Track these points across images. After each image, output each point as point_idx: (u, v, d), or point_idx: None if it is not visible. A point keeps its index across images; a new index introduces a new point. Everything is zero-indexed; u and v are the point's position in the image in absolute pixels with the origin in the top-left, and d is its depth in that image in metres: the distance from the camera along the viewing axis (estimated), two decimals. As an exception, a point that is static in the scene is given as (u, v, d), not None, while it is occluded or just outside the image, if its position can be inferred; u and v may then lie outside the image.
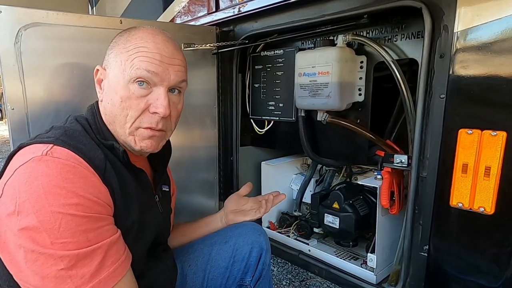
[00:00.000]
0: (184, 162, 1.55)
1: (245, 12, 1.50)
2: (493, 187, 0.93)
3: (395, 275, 1.27)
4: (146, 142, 0.78)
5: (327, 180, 1.72)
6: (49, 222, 0.58)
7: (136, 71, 0.73)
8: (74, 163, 0.63)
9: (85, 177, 0.64)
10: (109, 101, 0.76)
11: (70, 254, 0.59)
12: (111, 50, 0.78)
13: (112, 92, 0.76)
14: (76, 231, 0.59)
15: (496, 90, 0.91)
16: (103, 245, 0.63)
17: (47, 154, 0.62)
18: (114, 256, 0.65)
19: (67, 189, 0.60)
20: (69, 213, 0.59)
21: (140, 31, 0.77)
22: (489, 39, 0.90)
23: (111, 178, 0.70)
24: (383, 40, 1.25)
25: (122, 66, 0.74)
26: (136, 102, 0.74)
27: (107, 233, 0.65)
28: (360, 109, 1.34)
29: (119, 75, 0.74)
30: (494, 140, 0.91)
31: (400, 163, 1.17)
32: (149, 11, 2.32)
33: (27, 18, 1.08)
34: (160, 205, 0.90)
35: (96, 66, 0.80)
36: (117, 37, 0.79)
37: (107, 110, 0.77)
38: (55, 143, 0.65)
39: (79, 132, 0.73)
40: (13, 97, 1.09)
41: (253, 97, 1.72)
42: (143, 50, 0.73)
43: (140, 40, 0.75)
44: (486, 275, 0.99)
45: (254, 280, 1.03)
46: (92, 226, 0.62)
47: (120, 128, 0.77)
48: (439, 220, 1.06)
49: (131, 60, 0.73)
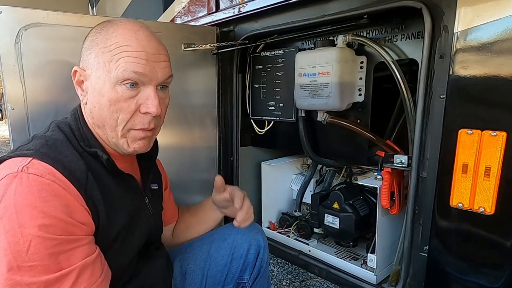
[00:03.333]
0: (184, 162, 1.55)
1: (245, 12, 1.50)
2: (493, 187, 0.93)
3: (395, 275, 1.27)
4: (139, 143, 0.76)
5: (327, 180, 1.72)
6: (17, 244, 0.55)
7: (123, 73, 0.69)
8: (49, 180, 0.61)
9: (59, 195, 0.61)
10: (95, 105, 0.73)
11: (38, 281, 0.56)
12: (89, 50, 0.73)
13: (97, 94, 0.72)
14: (45, 255, 0.57)
15: (496, 91, 0.91)
16: (75, 269, 0.60)
17: (23, 170, 0.60)
18: (87, 280, 0.61)
19: (38, 208, 0.57)
20: (39, 235, 0.56)
21: (119, 26, 0.72)
22: (489, 39, 0.91)
23: (93, 191, 0.68)
24: (383, 41, 1.25)
25: (107, 67, 0.70)
26: (126, 104, 0.71)
27: (80, 255, 0.61)
28: (360, 109, 1.34)
29: (104, 77, 0.71)
30: (494, 140, 0.91)
31: (400, 163, 1.17)
32: (149, 11, 2.32)
33: (27, 18, 1.08)
34: (150, 206, 0.89)
35: (74, 67, 0.75)
36: (93, 34, 0.74)
37: (94, 114, 0.74)
38: (34, 156, 0.63)
39: (60, 142, 0.70)
40: (13, 97, 1.09)
41: (253, 97, 1.72)
42: (127, 50, 0.70)
43: (121, 38, 0.70)
44: (486, 275, 0.99)
45: (252, 277, 1.03)
46: (63, 249, 0.59)
47: (111, 131, 0.74)
48: (439, 221, 1.06)
49: (115, 61, 0.69)
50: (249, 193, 1.83)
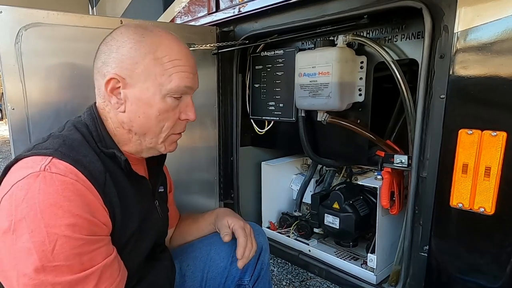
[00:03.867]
0: (185, 162, 1.55)
1: (245, 12, 1.50)
2: (493, 187, 0.93)
3: (395, 275, 1.27)
4: (173, 145, 0.83)
5: (327, 180, 1.72)
6: (43, 244, 0.55)
7: (177, 88, 0.74)
8: (73, 179, 0.61)
9: (82, 195, 0.61)
10: (140, 115, 0.74)
11: (63, 281, 0.56)
12: (133, 60, 0.71)
13: (144, 105, 0.73)
14: (70, 254, 0.57)
15: (496, 91, 0.91)
16: (97, 270, 0.61)
17: (45, 169, 0.60)
18: (108, 280, 0.63)
19: (64, 208, 0.58)
20: (64, 235, 0.57)
21: (163, 38, 0.74)
22: (489, 39, 0.91)
23: (111, 192, 0.68)
24: (383, 41, 1.25)
25: (158, 80, 0.72)
26: (172, 113, 0.77)
27: (102, 255, 0.62)
28: (360, 109, 1.34)
29: (154, 89, 0.72)
30: (494, 140, 0.91)
31: (400, 163, 1.17)
32: (149, 11, 2.32)
33: (27, 18, 1.08)
34: (160, 210, 0.90)
35: (109, 75, 0.72)
36: (135, 42, 0.72)
37: (135, 123, 0.75)
38: (53, 155, 0.63)
39: (78, 142, 0.70)
40: (14, 97, 1.09)
41: (253, 97, 1.72)
42: (179, 65, 0.74)
43: (170, 51, 0.73)
44: (486, 275, 0.99)
45: (252, 279, 1.03)
46: (87, 249, 0.60)
47: (152, 138, 0.78)
48: (439, 221, 1.06)
49: (168, 75, 0.72)
50: (249, 193, 1.85)
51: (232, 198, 1.76)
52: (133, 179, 0.77)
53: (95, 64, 0.77)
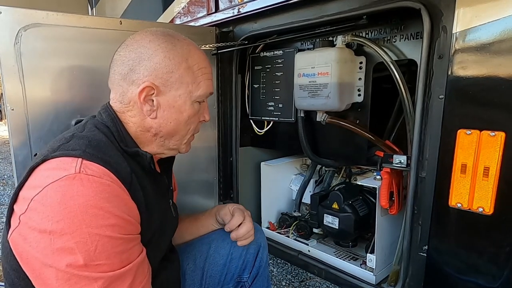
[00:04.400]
0: (184, 162, 1.55)
1: (244, 13, 1.50)
2: (491, 187, 0.93)
3: (395, 275, 1.27)
4: (190, 145, 0.88)
5: (327, 181, 1.72)
6: (85, 244, 0.57)
7: (205, 94, 0.80)
8: (108, 181, 0.63)
9: (119, 196, 0.64)
10: (171, 121, 0.77)
11: (105, 276, 0.59)
12: (168, 69, 0.74)
13: (176, 112, 0.77)
14: (111, 253, 0.60)
15: (494, 91, 0.91)
16: (134, 266, 0.64)
17: (81, 172, 0.61)
18: (141, 275, 0.66)
19: (105, 209, 0.60)
20: (106, 235, 0.59)
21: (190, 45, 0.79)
22: (488, 40, 0.91)
23: (136, 191, 0.69)
24: (382, 41, 1.25)
25: (189, 88, 0.77)
26: (197, 117, 0.82)
27: (136, 253, 0.66)
28: (359, 109, 1.34)
29: (185, 96, 0.77)
30: (492, 140, 0.92)
31: (399, 164, 1.17)
32: (148, 11, 2.32)
33: (27, 19, 1.08)
34: (172, 208, 0.91)
35: (144, 84, 0.73)
36: (168, 51, 0.74)
37: (164, 128, 0.78)
38: (83, 157, 0.63)
39: (104, 143, 0.70)
40: (13, 97, 1.09)
41: (252, 97, 1.73)
42: (205, 72, 0.79)
43: (198, 58, 0.79)
44: (485, 275, 0.99)
45: (251, 277, 1.03)
46: (125, 247, 0.63)
47: (178, 140, 0.81)
48: (438, 221, 1.06)
49: (198, 82, 0.77)
50: (249, 193, 1.85)
51: (231, 198, 1.76)
52: (152, 178, 0.79)
53: (118, 70, 0.75)
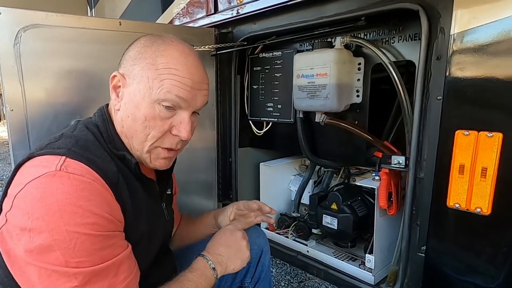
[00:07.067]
0: (183, 163, 1.54)
1: (243, 14, 1.50)
2: (489, 187, 0.93)
3: (393, 275, 1.28)
4: (160, 161, 0.78)
5: (325, 181, 1.73)
6: (64, 241, 0.57)
7: (166, 94, 0.71)
8: (90, 179, 0.62)
9: (100, 194, 0.63)
10: (129, 115, 0.74)
11: (85, 271, 0.59)
12: (136, 61, 0.73)
13: (133, 107, 0.73)
14: (91, 250, 0.60)
15: (492, 92, 0.92)
16: (117, 261, 0.63)
17: (61, 169, 0.60)
18: (126, 271, 0.65)
19: (83, 207, 0.59)
20: (85, 233, 0.59)
21: (171, 46, 0.73)
22: (485, 41, 0.91)
23: (123, 192, 0.69)
24: (380, 42, 1.25)
25: (149, 83, 0.71)
26: (160, 123, 0.73)
27: (119, 249, 0.65)
28: (358, 110, 1.34)
29: (144, 92, 0.71)
30: (490, 141, 0.92)
31: (398, 164, 1.18)
32: (148, 12, 2.33)
33: (26, 20, 1.09)
34: (166, 212, 0.90)
35: (114, 71, 0.75)
36: (141, 46, 0.74)
37: (125, 123, 0.75)
38: (67, 155, 0.63)
39: (91, 142, 0.70)
40: (12, 98, 1.10)
41: (251, 98, 1.73)
42: (175, 73, 0.71)
43: (171, 59, 0.71)
44: (483, 275, 0.99)
45: (253, 281, 1.03)
46: (106, 244, 0.62)
47: (138, 145, 0.75)
48: (436, 221, 1.07)
49: (160, 80, 0.70)
50: (248, 194, 1.85)
51: (230, 199, 1.76)
52: (141, 182, 0.78)
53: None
